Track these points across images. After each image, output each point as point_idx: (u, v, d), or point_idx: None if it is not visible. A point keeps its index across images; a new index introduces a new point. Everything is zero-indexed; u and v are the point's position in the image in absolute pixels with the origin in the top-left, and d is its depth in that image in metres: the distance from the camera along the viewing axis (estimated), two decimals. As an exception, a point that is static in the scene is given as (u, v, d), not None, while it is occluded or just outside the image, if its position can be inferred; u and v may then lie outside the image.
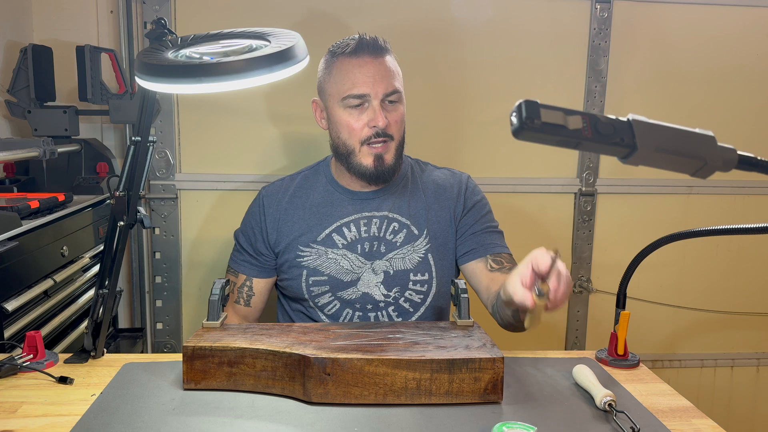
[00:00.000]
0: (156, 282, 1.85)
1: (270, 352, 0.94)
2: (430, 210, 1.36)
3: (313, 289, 1.32)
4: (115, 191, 1.01)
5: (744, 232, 1.01)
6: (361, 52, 1.25)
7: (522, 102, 0.56)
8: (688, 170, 0.60)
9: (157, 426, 0.85)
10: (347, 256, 1.32)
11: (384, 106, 1.26)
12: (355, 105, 1.26)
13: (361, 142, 1.27)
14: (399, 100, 1.28)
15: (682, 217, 2.01)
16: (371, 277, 1.31)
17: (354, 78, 1.25)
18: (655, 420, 0.90)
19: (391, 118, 1.27)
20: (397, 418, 0.88)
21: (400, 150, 1.31)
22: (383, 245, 1.33)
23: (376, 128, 1.25)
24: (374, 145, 1.27)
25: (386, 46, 1.29)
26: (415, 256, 1.33)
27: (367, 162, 1.28)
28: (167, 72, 0.86)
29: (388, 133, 1.27)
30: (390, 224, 1.34)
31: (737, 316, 2.10)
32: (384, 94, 1.25)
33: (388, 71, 1.26)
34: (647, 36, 1.91)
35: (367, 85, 1.24)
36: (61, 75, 1.71)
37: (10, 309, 1.13)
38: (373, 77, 1.24)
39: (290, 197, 1.38)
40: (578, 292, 2.01)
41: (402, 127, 1.30)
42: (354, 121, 1.26)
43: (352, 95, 1.25)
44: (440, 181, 1.41)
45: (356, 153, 1.28)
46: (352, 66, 1.25)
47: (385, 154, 1.28)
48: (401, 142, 1.31)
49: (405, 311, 1.33)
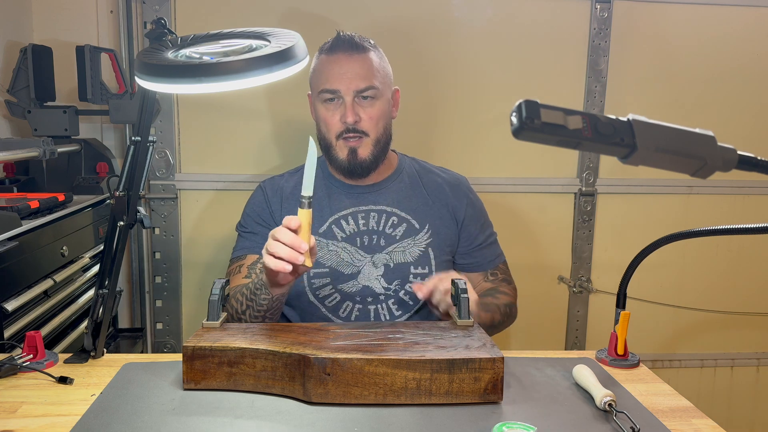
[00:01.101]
0: (156, 282, 1.86)
1: (270, 352, 0.94)
2: (432, 207, 1.38)
3: (314, 281, 1.33)
4: (115, 191, 1.01)
5: (744, 232, 1.01)
6: (336, 49, 1.29)
7: (522, 102, 0.56)
8: (688, 170, 0.60)
9: (157, 426, 0.85)
10: (347, 249, 1.33)
11: (358, 102, 1.29)
12: (329, 99, 1.30)
13: (336, 136, 1.31)
14: (376, 96, 1.30)
15: (682, 217, 2.01)
16: (371, 270, 1.33)
17: (327, 74, 1.29)
18: (655, 420, 0.90)
19: (364, 114, 1.29)
20: (397, 418, 0.88)
21: (379, 147, 1.32)
22: (383, 239, 1.34)
23: (346, 124, 1.28)
24: (348, 139, 1.30)
25: (365, 44, 1.31)
26: (415, 249, 1.34)
27: (342, 155, 1.31)
28: (167, 72, 0.86)
29: (360, 129, 1.29)
30: (389, 218, 1.35)
31: (737, 316, 2.10)
32: (356, 90, 1.27)
33: (363, 68, 1.28)
34: (647, 36, 1.91)
35: (339, 82, 1.27)
36: (61, 75, 1.71)
37: (10, 309, 1.13)
38: (345, 74, 1.27)
39: (291, 190, 1.40)
40: (578, 292, 2.01)
41: (380, 125, 1.31)
42: (329, 117, 1.30)
43: (325, 89, 1.29)
44: (440, 180, 1.43)
45: (334, 146, 1.32)
46: (328, 62, 1.30)
47: (359, 149, 1.30)
48: (380, 140, 1.32)
49: (405, 304, 1.34)
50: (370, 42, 1.33)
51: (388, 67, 1.35)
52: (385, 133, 1.33)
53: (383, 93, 1.31)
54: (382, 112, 1.31)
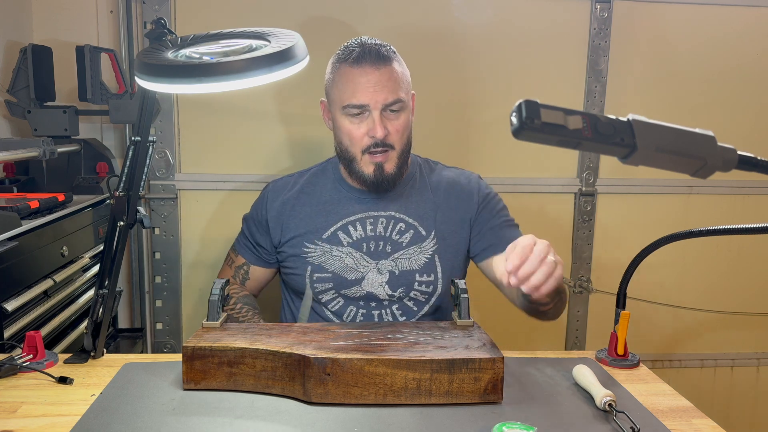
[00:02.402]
0: (156, 282, 1.85)
1: (270, 352, 0.94)
2: (438, 210, 1.36)
3: (317, 285, 1.33)
4: (115, 191, 1.01)
5: (744, 232, 1.01)
6: (363, 61, 1.24)
7: (522, 102, 0.56)
8: (688, 170, 0.60)
9: (157, 426, 0.85)
10: (352, 255, 1.32)
11: (385, 116, 1.26)
12: (355, 114, 1.26)
13: (362, 150, 1.27)
14: (401, 108, 1.27)
15: (682, 217, 2.01)
16: (376, 276, 1.32)
17: (354, 88, 1.24)
18: (655, 420, 0.90)
19: (392, 127, 1.26)
20: (397, 418, 0.88)
21: (403, 158, 1.31)
22: (389, 245, 1.33)
23: (374, 138, 1.25)
24: (375, 154, 1.27)
25: (389, 54, 1.27)
26: (421, 256, 1.33)
27: (368, 170, 1.29)
28: (167, 72, 0.86)
29: (388, 143, 1.26)
30: (396, 224, 1.34)
31: (737, 316, 2.10)
32: (384, 104, 1.24)
33: (390, 80, 1.25)
34: (647, 36, 1.91)
35: (367, 96, 1.24)
36: (61, 75, 1.71)
37: (10, 309, 1.13)
38: (373, 88, 1.23)
39: (297, 193, 1.39)
40: (578, 292, 2.01)
41: (405, 136, 1.30)
42: (355, 130, 1.27)
43: (352, 105, 1.25)
44: (450, 181, 1.40)
45: (358, 161, 1.29)
46: (354, 75, 1.25)
47: (386, 164, 1.28)
48: (404, 151, 1.30)
49: (409, 309, 1.33)
50: (392, 49, 1.29)
51: (408, 74, 1.32)
52: (408, 143, 1.32)
53: (408, 103, 1.29)
54: (407, 124, 1.29)
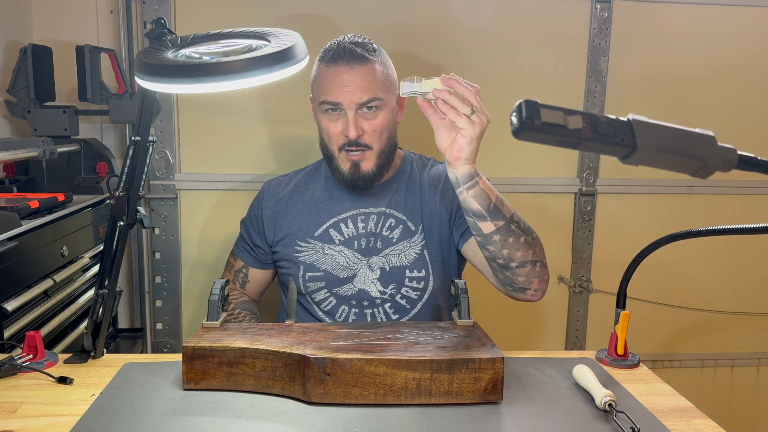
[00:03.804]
0: (156, 282, 1.85)
1: (270, 352, 0.94)
2: (424, 205, 1.35)
3: (309, 284, 1.33)
4: (115, 191, 1.01)
5: (744, 232, 1.01)
6: (338, 60, 1.24)
7: (522, 102, 0.56)
8: (688, 170, 0.60)
9: (157, 426, 0.85)
10: (344, 253, 1.32)
11: (361, 115, 1.25)
12: (331, 110, 1.26)
13: (339, 148, 1.27)
14: (379, 107, 1.25)
15: (682, 217, 2.01)
16: (367, 273, 1.31)
17: (329, 87, 1.24)
18: (655, 420, 0.90)
19: (368, 126, 1.25)
20: (397, 418, 0.88)
21: (383, 157, 1.29)
22: (380, 241, 1.32)
23: (348, 138, 1.25)
24: (350, 152, 1.27)
25: (365, 53, 1.24)
26: (411, 252, 1.32)
27: (345, 167, 1.29)
28: (167, 72, 0.87)
29: (363, 143, 1.25)
30: (387, 220, 1.33)
31: (737, 316, 2.10)
32: (358, 104, 1.23)
33: (366, 80, 1.23)
34: (647, 36, 1.91)
35: (340, 95, 1.23)
36: (60, 75, 1.71)
37: (10, 309, 1.13)
38: (347, 87, 1.23)
39: (291, 191, 1.39)
40: (578, 292, 2.01)
41: (384, 135, 1.28)
42: (332, 127, 1.27)
43: (326, 101, 1.25)
44: (436, 175, 1.39)
45: (336, 158, 1.29)
46: (329, 74, 1.25)
47: (362, 162, 1.27)
48: (384, 150, 1.29)
49: (401, 308, 1.32)
50: (373, 47, 1.27)
51: (392, 73, 1.30)
52: (389, 142, 1.30)
53: (387, 102, 1.27)
54: (386, 123, 1.27)
